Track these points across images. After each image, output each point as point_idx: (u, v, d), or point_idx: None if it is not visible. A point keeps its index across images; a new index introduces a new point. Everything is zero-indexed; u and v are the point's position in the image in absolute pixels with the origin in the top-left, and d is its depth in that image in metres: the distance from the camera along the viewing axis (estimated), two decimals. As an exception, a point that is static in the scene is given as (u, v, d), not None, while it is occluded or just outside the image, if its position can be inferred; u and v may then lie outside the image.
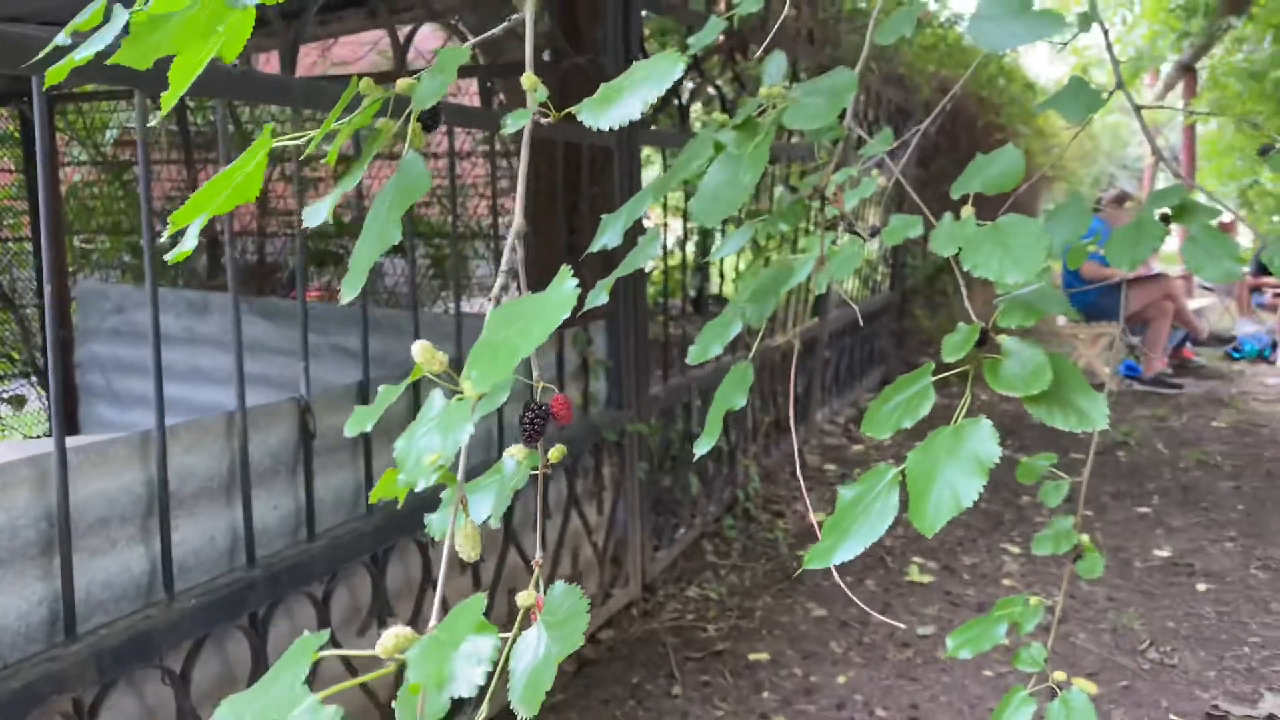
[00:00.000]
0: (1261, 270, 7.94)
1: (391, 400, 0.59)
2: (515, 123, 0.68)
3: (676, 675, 2.61)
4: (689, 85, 3.55)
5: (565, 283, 0.50)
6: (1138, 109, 1.11)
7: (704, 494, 3.57)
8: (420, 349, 0.51)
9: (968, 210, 0.79)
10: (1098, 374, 6.52)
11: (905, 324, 6.47)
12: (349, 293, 0.59)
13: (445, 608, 0.48)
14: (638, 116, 0.57)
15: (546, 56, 2.96)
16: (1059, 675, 1.03)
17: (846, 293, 5.35)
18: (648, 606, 3.02)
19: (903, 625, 2.91)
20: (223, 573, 1.66)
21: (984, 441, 0.72)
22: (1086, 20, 1.10)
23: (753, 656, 2.72)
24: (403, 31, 3.24)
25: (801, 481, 1.05)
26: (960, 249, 0.74)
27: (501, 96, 3.38)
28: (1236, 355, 7.52)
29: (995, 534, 3.75)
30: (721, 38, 3.41)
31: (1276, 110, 9.12)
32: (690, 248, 6.12)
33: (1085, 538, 1.10)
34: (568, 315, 0.48)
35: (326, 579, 1.83)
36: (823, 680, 2.59)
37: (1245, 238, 10.83)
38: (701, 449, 0.91)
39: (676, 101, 3.54)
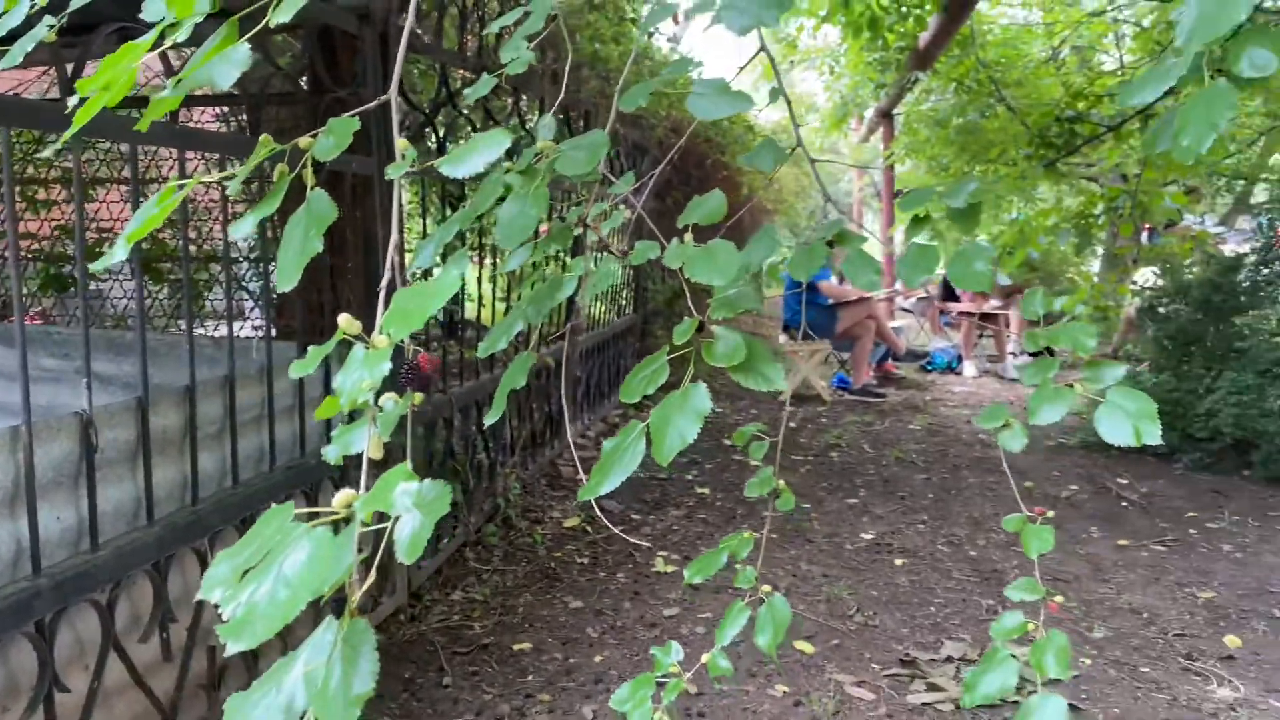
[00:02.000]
0: (948, 295, 9.10)
1: (322, 356, 0.80)
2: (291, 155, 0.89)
3: (446, 668, 2.79)
4: (444, 120, 3.76)
5: (450, 271, 0.73)
6: (812, 161, 1.47)
7: (466, 505, 3.76)
8: (344, 319, 0.73)
9: (689, 237, 1.08)
10: (814, 385, 7.26)
11: (648, 343, 6.92)
12: (285, 284, 0.79)
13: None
14: (481, 170, 0.81)
15: (306, 87, 3.08)
16: (766, 588, 1.34)
17: (596, 315, 5.71)
18: (415, 611, 3.18)
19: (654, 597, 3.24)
20: (8, 582, 1.70)
21: (701, 399, 1.00)
22: (775, 94, 1.44)
23: (517, 647, 2.95)
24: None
25: (578, 464, 1.31)
26: (684, 263, 1.03)
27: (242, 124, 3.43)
28: (929, 368, 8.58)
29: (729, 527, 4.18)
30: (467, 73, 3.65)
31: (958, 154, 10.45)
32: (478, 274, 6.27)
33: (781, 482, 1.43)
34: (453, 294, 0.71)
35: (110, 586, 1.89)
36: (581, 661, 2.86)
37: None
38: (490, 420, 1.15)
39: (433, 133, 3.73)
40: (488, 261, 4.13)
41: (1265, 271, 5.62)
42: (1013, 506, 4.70)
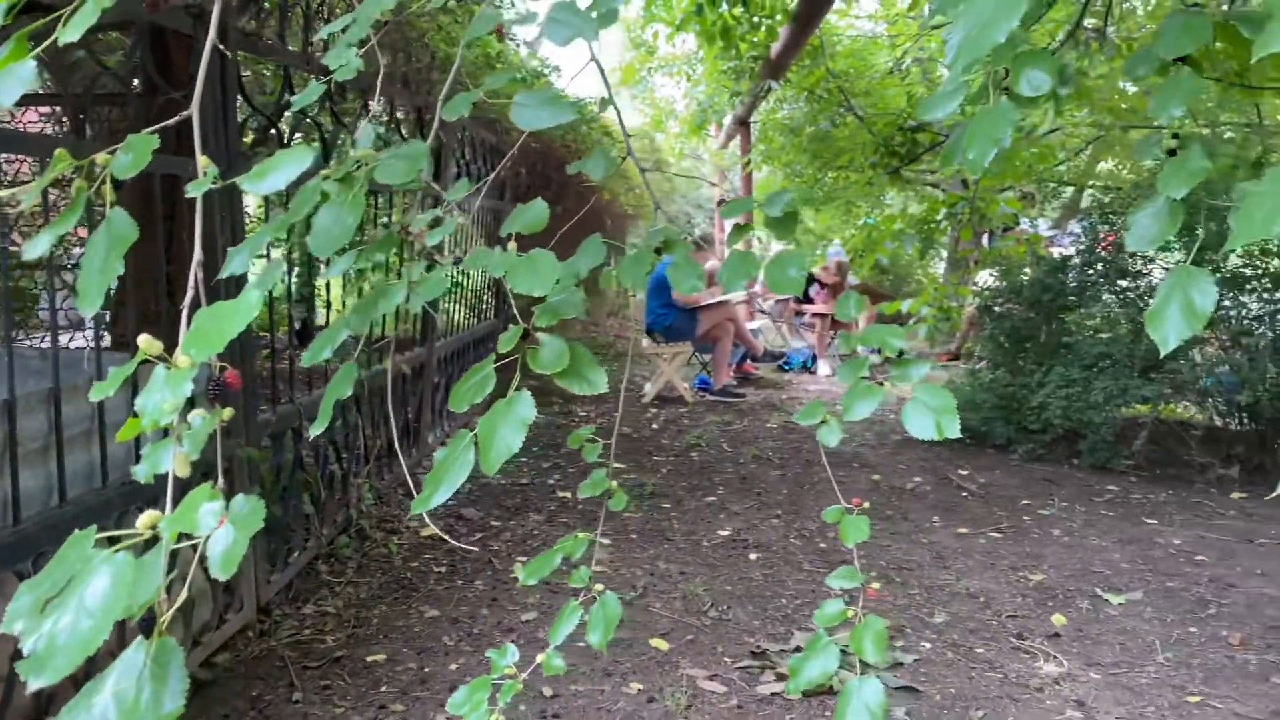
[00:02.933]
0: (802, 297, 9.39)
1: (126, 375, 0.78)
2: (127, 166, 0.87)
3: (296, 684, 2.73)
4: (290, 120, 3.68)
5: (251, 293, 0.72)
6: (643, 171, 1.51)
7: (318, 517, 3.68)
8: (144, 340, 0.72)
9: (512, 245, 1.10)
10: (677, 388, 7.37)
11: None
12: (87, 308, 0.77)
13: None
14: (282, 188, 0.81)
15: (138, 88, 2.96)
16: (599, 588, 1.37)
17: (456, 320, 5.65)
18: (264, 627, 3.09)
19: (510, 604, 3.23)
20: None
21: (526, 407, 1.02)
22: (605, 104, 1.48)
23: (370, 658, 2.91)
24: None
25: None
26: (505, 272, 1.05)
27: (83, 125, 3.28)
28: (786, 368, 8.84)
29: (589, 529, 4.20)
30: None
31: (811, 161, 10.79)
32: (294, 280, 6.11)
33: (614, 483, 1.46)
34: (255, 315, 0.71)
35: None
36: (436, 669, 2.84)
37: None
38: (316, 430, 1.14)
39: (276, 133, 3.64)
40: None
41: (1090, 272, 6.02)
42: (864, 499, 4.89)
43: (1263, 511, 4.58)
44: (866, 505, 1.43)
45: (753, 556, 3.92)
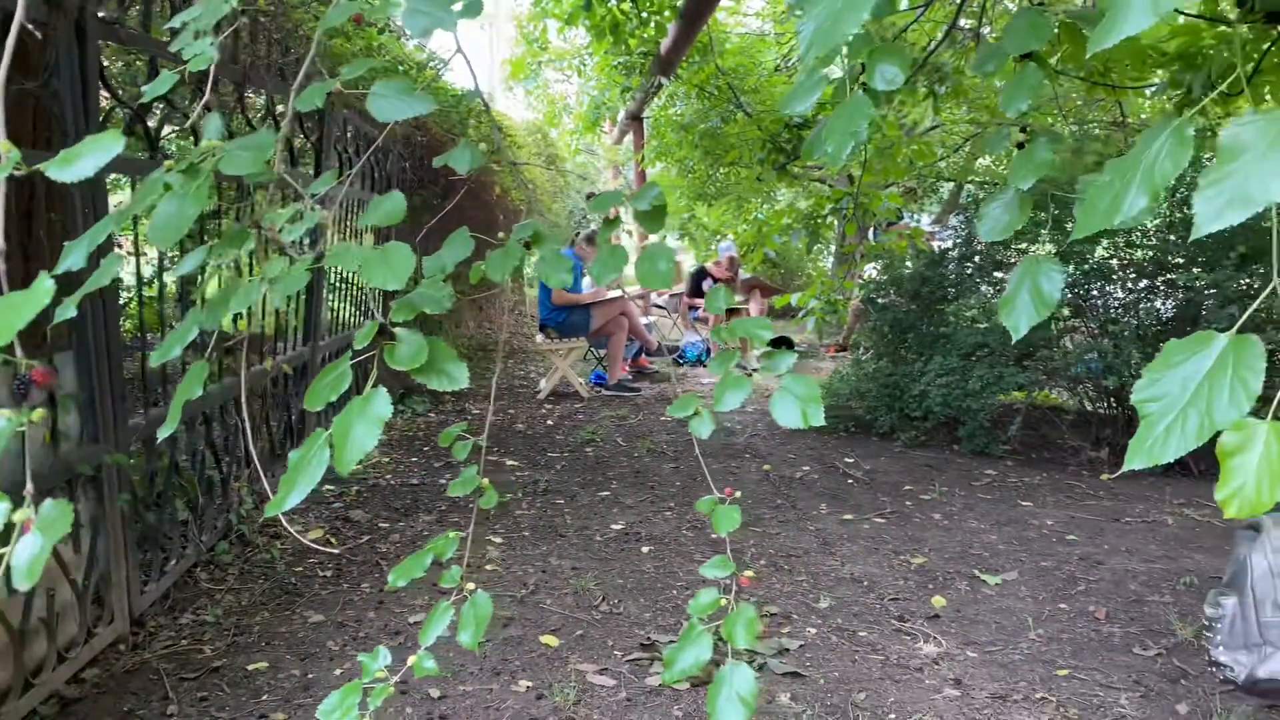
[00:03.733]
0: (696, 291, 9.47)
1: None
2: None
3: (172, 696, 2.63)
4: (159, 111, 3.53)
5: (43, 282, 0.69)
6: (515, 165, 1.49)
7: (196, 524, 3.55)
8: None
9: (369, 238, 1.07)
10: (572, 383, 7.36)
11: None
12: None
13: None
14: (90, 175, 0.77)
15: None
16: (470, 586, 1.36)
17: (340, 317, 5.52)
18: (138, 640, 2.97)
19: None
20: None
21: (382, 405, 1.00)
22: (473, 96, 1.45)
23: (251, 667, 2.82)
24: None
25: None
26: (359, 267, 1.03)
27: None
28: (681, 361, 8.91)
29: (481, 529, 4.17)
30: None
31: (703, 157, 10.90)
32: (170, 279, 5.87)
33: (486, 481, 1.45)
34: (40, 309, 0.67)
35: None
36: (320, 675, 2.78)
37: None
38: (164, 433, 1.09)
39: (144, 127, 3.48)
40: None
41: (967, 265, 6.23)
42: (754, 489, 4.95)
43: (1128, 491, 4.81)
44: (738, 495, 1.45)
45: (645, 550, 3.94)
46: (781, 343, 10.12)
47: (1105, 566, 3.75)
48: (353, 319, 5.87)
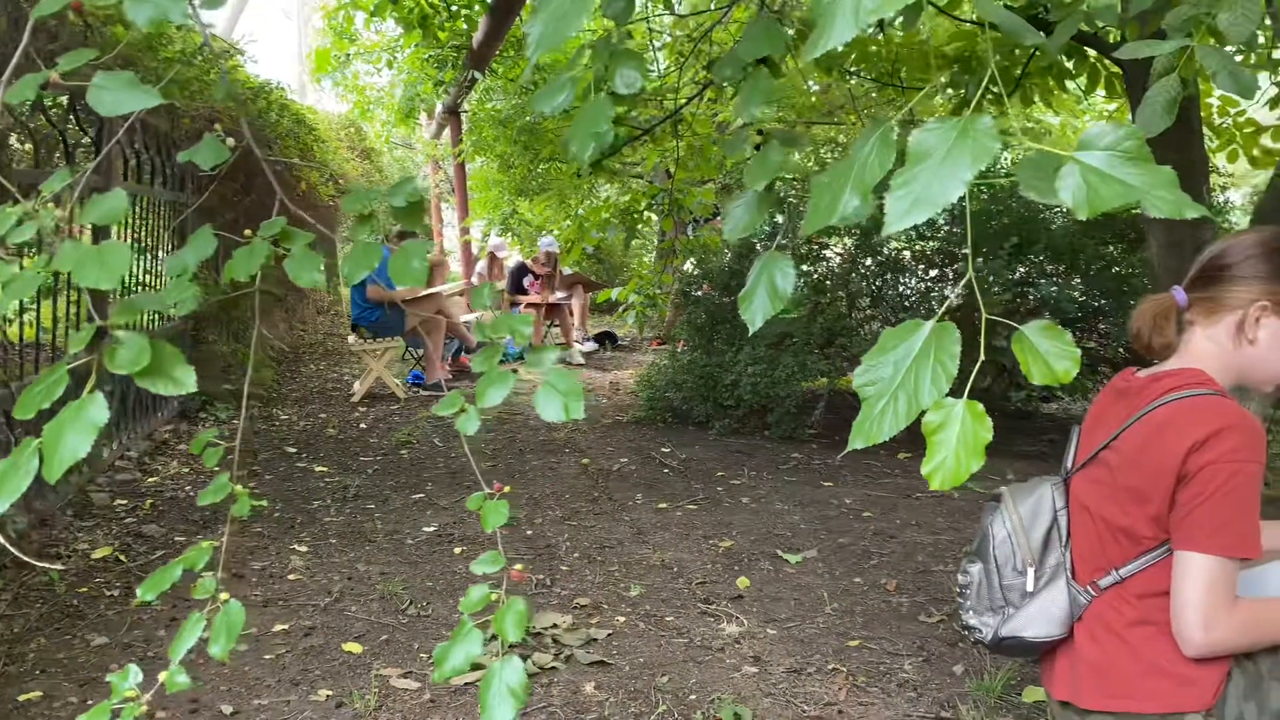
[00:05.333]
0: (516, 288, 9.44)
1: None
2: None
3: (-72, 738, 2.42)
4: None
5: None
6: (268, 161, 1.45)
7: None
8: None
9: (86, 236, 1.02)
10: (388, 384, 7.20)
11: (201, 351, 6.45)
12: None
13: None
14: None
15: None
16: (224, 596, 1.32)
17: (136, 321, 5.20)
18: (-110, 679, 2.72)
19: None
20: None
21: (98, 410, 0.96)
22: (224, 90, 1.40)
23: (23, 697, 2.63)
24: None
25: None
26: (74, 265, 0.98)
27: None
28: (502, 359, 8.86)
29: (286, 538, 4.02)
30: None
31: (522, 152, 10.85)
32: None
33: (239, 487, 1.41)
34: None
35: None
36: (100, 700, 2.61)
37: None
38: None
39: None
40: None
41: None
42: (572, 483, 4.97)
43: (919, 468, 5.11)
44: (508, 489, 1.46)
45: (457, 550, 3.90)
46: (605, 338, 10.23)
47: (897, 540, 3.98)
48: (151, 323, 5.55)
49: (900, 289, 6.22)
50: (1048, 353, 0.97)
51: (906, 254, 6.29)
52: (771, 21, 1.25)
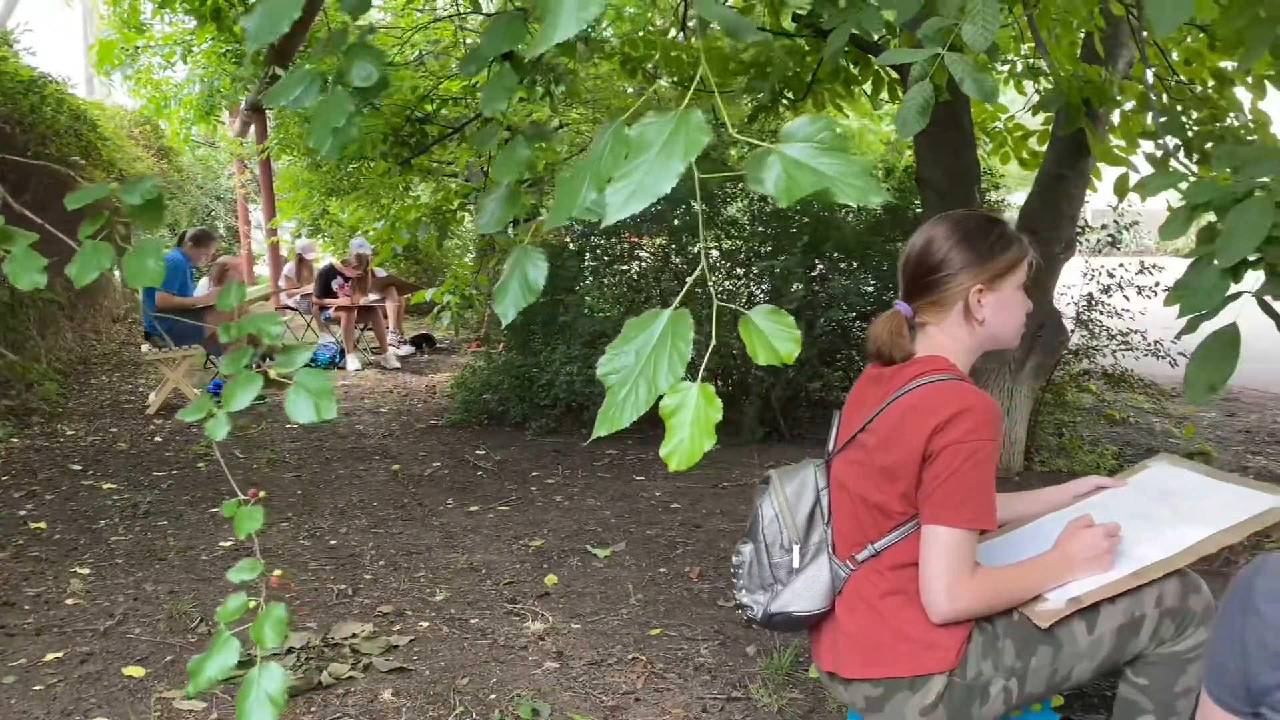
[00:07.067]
0: (325, 291, 9.14)
1: None
2: None
3: None
4: None
5: None
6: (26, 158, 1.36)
7: None
8: None
9: None
10: (186, 395, 6.84)
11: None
12: None
13: None
14: None
15: None
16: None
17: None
18: None
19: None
20: None
21: None
22: (31, 85, 1.31)
23: None
24: None
25: None
26: None
27: None
28: (313, 365, 8.57)
29: (67, 560, 3.76)
30: None
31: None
32: None
33: None
34: None
35: None
36: None
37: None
38: None
39: None
40: None
41: (588, 258, 6.53)
42: (380, 490, 4.87)
43: (727, 459, 5.27)
44: (263, 494, 1.43)
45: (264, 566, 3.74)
46: (422, 341, 10.05)
47: (702, 529, 4.09)
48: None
49: (709, 286, 6.39)
50: (772, 334, 1.02)
51: (715, 252, 6.47)
52: (515, 17, 1.26)
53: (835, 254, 5.88)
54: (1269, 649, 0.98)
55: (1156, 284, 5.10)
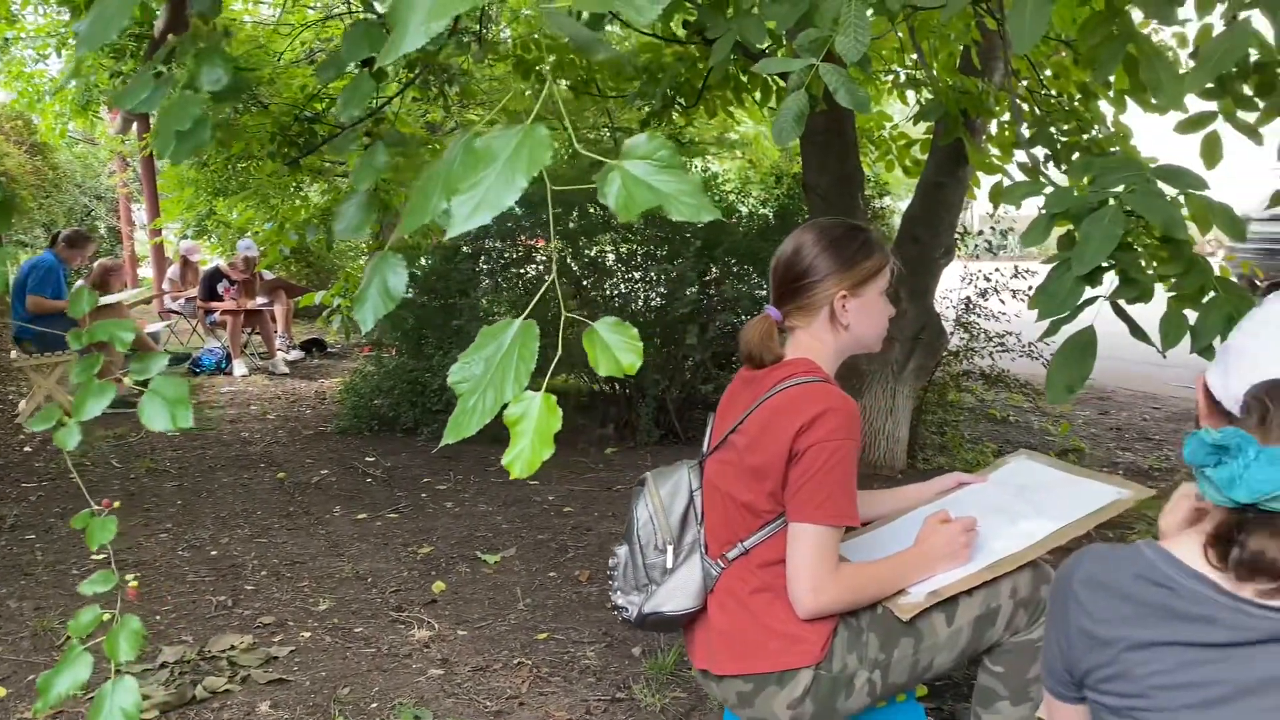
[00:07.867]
0: (210, 295, 8.86)
1: None
2: None
3: None
4: None
5: None
6: None
7: None
8: None
9: None
10: (59, 402, 6.55)
11: None
12: None
13: None
14: None
15: None
16: None
17: None
18: None
19: None
20: None
21: None
22: None
23: None
24: None
25: None
26: None
27: None
28: (198, 370, 8.30)
29: (-78, 578, 3.58)
30: None
31: (218, 149, 10.19)
32: None
33: None
34: None
35: None
36: None
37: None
38: None
39: None
40: None
41: (481, 261, 6.48)
42: (265, 498, 4.75)
43: (623, 462, 5.31)
44: (117, 504, 1.39)
45: (129, 577, 3.62)
46: (313, 345, 9.83)
47: (594, 532, 4.11)
48: None
49: (606, 290, 6.42)
50: (615, 345, 1.05)
51: (610, 257, 6.50)
52: (373, 24, 1.26)
53: (728, 258, 5.97)
54: (1086, 633, 1.05)
55: (1029, 288, 5.31)
